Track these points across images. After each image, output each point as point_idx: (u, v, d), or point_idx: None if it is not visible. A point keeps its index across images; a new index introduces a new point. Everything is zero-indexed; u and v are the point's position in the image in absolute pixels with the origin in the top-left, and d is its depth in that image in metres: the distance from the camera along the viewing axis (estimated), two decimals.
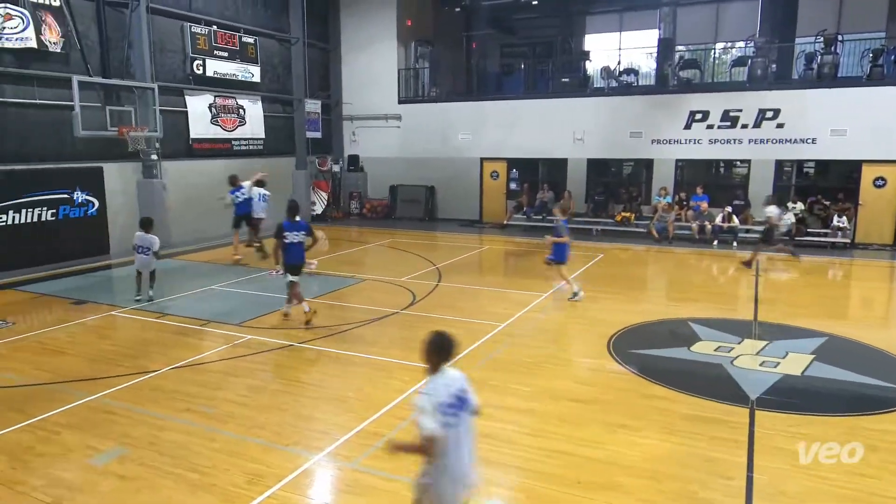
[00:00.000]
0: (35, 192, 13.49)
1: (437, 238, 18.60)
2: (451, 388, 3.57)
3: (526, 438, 5.87)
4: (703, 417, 6.30)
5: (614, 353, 8.20)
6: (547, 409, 6.50)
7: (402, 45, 22.15)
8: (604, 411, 6.47)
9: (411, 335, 9.07)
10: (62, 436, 5.93)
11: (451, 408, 3.51)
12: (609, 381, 7.28)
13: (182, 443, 5.77)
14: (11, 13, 12.78)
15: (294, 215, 9.59)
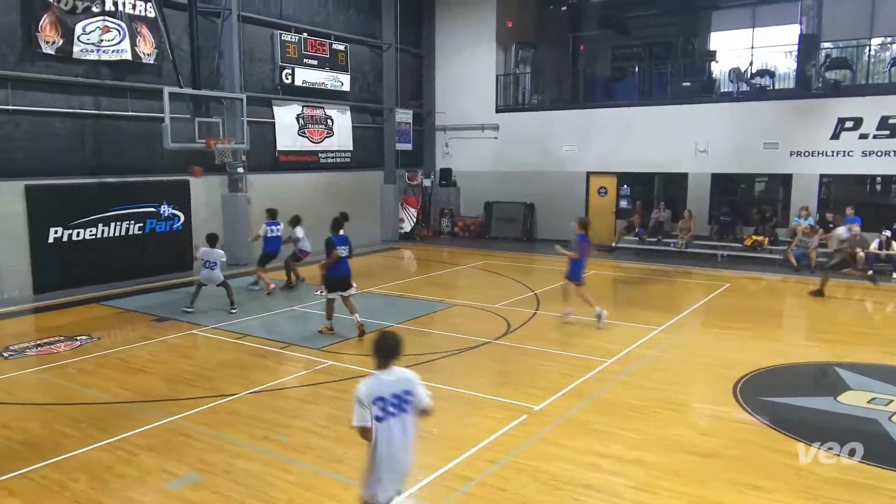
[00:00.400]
0: (124, 205, 14.64)
1: (536, 261, 18.46)
2: (391, 386, 4.16)
3: (633, 493, 5.65)
4: (853, 483, 5.81)
5: (742, 399, 7.76)
6: (659, 461, 6.23)
7: (502, 49, 22.38)
8: (728, 468, 6.11)
9: (505, 369, 9.01)
10: (140, 457, 6.32)
11: (382, 402, 4.09)
12: (735, 433, 6.88)
13: (257, 472, 6.00)
14: (109, 25, 14.06)
15: (339, 229, 10.42)
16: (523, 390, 8.04)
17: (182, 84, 14.82)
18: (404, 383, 4.25)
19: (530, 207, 21.84)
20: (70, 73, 13.72)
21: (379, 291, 14.03)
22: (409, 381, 4.29)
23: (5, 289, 12.98)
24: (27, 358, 9.50)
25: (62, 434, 6.84)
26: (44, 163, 13.45)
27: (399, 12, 21.17)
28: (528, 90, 23.03)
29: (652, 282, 15.46)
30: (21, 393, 8.16)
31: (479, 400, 7.77)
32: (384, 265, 17.92)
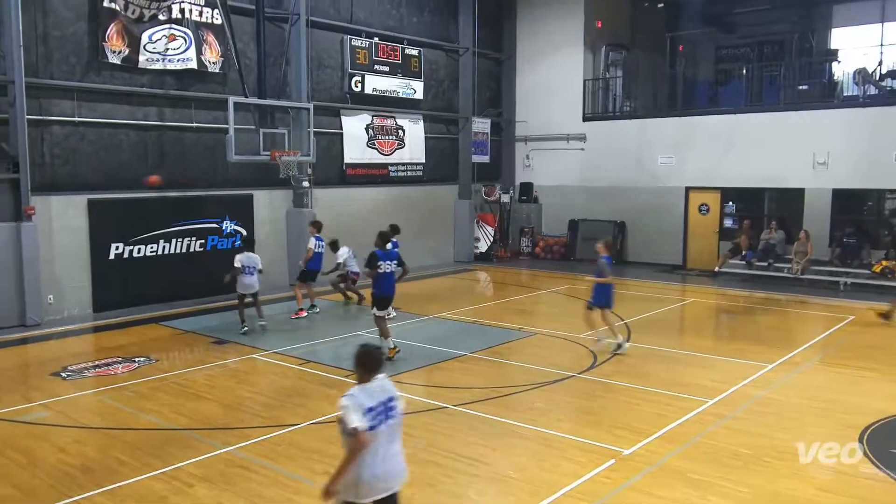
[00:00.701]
0: (186, 220, 15.32)
1: (627, 286, 18.12)
2: (377, 396, 4.64)
3: None
4: None
5: (871, 451, 7.34)
6: None
7: (591, 52, 22.29)
8: None
9: (590, 406, 8.86)
10: (195, 489, 6.53)
11: (371, 412, 4.55)
12: (862, 491, 6.51)
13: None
14: (176, 34, 14.84)
15: (386, 242, 10.55)
16: (611, 431, 7.87)
17: (247, 93, 15.44)
18: (388, 391, 4.75)
19: (621, 226, 21.51)
20: (135, 84, 14.54)
21: (451, 317, 14.08)
22: (391, 389, 4.78)
23: (65, 307, 13.75)
24: (85, 379, 10.01)
25: (118, 461, 7.15)
26: (107, 176, 14.24)
27: (478, 13, 21.42)
28: (620, 96, 22.80)
29: (761, 312, 14.93)
30: (78, 415, 8.59)
31: (560, 440, 7.66)
32: (457, 288, 17.99)
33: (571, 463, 7.06)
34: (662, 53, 23.55)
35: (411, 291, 16.96)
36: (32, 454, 7.36)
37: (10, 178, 12.70)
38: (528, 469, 6.94)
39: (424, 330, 13.05)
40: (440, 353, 11.23)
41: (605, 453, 7.26)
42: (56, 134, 13.58)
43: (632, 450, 7.36)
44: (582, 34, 21.99)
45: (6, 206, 12.76)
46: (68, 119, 13.67)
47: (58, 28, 13.44)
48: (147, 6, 14.34)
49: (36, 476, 6.79)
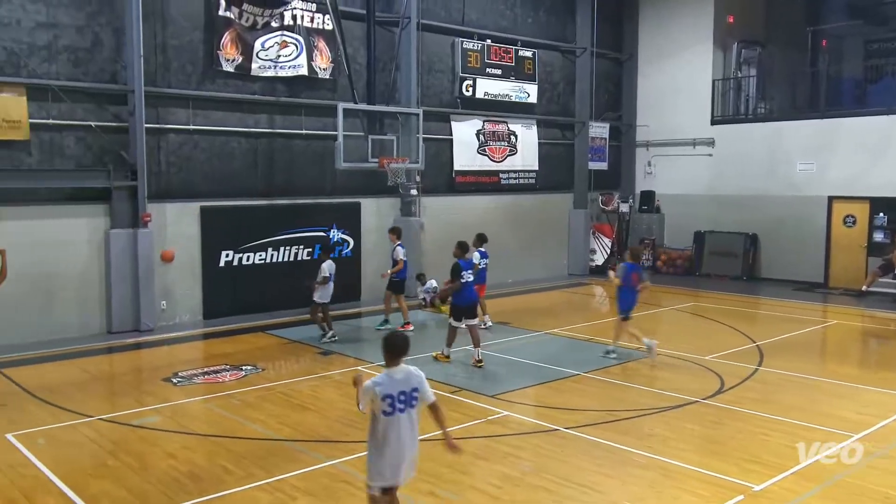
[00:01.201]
0: (293, 228, 15.92)
1: (760, 305, 17.42)
2: (400, 384, 5.26)
3: None
4: None
5: None
6: None
7: (720, 49, 21.64)
8: None
9: (716, 435, 8.55)
10: (298, 501, 6.75)
11: (391, 399, 5.18)
12: None
13: None
14: (287, 40, 15.50)
15: (465, 252, 11.74)
16: (739, 464, 7.55)
17: (357, 99, 15.91)
18: (413, 381, 5.33)
19: (752, 239, 20.69)
20: (247, 91, 15.31)
21: (563, 333, 13.95)
22: (417, 379, 5.37)
23: (177, 313, 14.59)
24: (194, 386, 10.58)
25: (224, 469, 7.49)
26: (218, 184, 15.05)
27: (596, 11, 21.20)
28: (753, 97, 22.00)
29: None
30: (187, 422, 9.07)
31: (681, 471, 7.41)
32: (570, 303, 17.81)
33: (693, 496, 6.82)
34: (802, 49, 22.60)
35: (522, 306, 16.96)
36: (144, 458, 7.83)
37: (128, 185, 13.62)
38: (645, 500, 6.77)
39: (535, 346, 12.97)
40: (552, 372, 11.14)
41: (732, 488, 6.97)
42: (172, 142, 14.47)
43: (763, 486, 7.03)
44: (711, 30, 21.36)
45: (125, 213, 13.69)
46: (183, 127, 14.54)
47: (175, 38, 14.35)
48: (260, 14, 15.07)
49: (147, 480, 7.21)
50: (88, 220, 13.49)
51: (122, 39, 13.59)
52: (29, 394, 10.11)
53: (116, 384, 11.14)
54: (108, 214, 13.62)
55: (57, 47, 13.04)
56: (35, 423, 9.02)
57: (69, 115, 13.21)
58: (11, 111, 12.53)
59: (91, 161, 13.53)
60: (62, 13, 13.04)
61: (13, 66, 12.61)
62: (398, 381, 5.26)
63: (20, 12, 12.63)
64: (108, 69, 13.67)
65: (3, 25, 12.46)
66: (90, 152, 13.53)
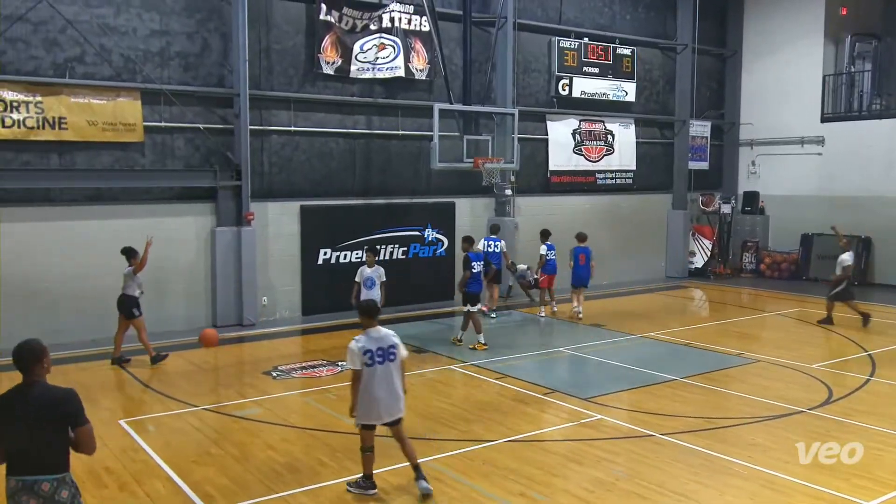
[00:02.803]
0: (389, 227, 16.18)
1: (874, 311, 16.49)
2: (378, 342, 6.68)
3: None
4: None
5: None
6: None
7: (832, 43, 20.67)
8: None
9: None
10: (391, 496, 6.86)
11: (371, 353, 6.59)
12: None
13: None
14: (385, 42, 15.77)
15: (472, 245, 13.10)
16: (847, 479, 7.18)
17: (452, 100, 16.03)
18: (389, 339, 6.76)
19: (866, 242, 19.67)
20: (346, 93, 15.66)
21: (661, 337, 13.63)
22: (392, 338, 6.79)
23: (278, 309, 15.07)
24: (293, 380, 10.90)
25: (320, 462, 7.69)
26: (317, 183, 15.46)
27: (698, 6, 20.58)
28: (868, 93, 20.88)
29: None
30: (286, 414, 9.35)
31: (784, 483, 7.12)
32: (668, 306, 17.38)
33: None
34: None
35: (618, 308, 16.69)
36: (245, 448, 8.13)
37: (233, 185, 14.17)
38: None
39: (631, 350, 12.74)
40: (648, 377, 10.91)
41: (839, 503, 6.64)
42: (274, 143, 14.96)
43: (875, 503, 6.67)
44: (822, 23, 20.41)
45: (230, 212, 14.25)
46: (285, 129, 15.01)
47: (278, 42, 14.83)
48: (360, 17, 15.39)
49: (248, 470, 7.48)
50: (196, 217, 14.13)
51: (228, 45, 14.16)
52: (141, 383, 10.68)
53: (220, 376, 11.59)
54: (214, 213, 14.22)
55: (169, 53, 13.71)
56: (146, 411, 9.54)
57: (179, 117, 13.85)
58: (127, 115, 13.26)
59: (199, 161, 14.16)
60: (174, 21, 13.70)
61: (129, 72, 13.33)
62: (376, 338, 6.68)
63: (136, 21, 13.34)
64: (216, 73, 14.26)
65: (120, 34, 13.18)
66: (198, 153, 14.16)
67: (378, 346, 6.62)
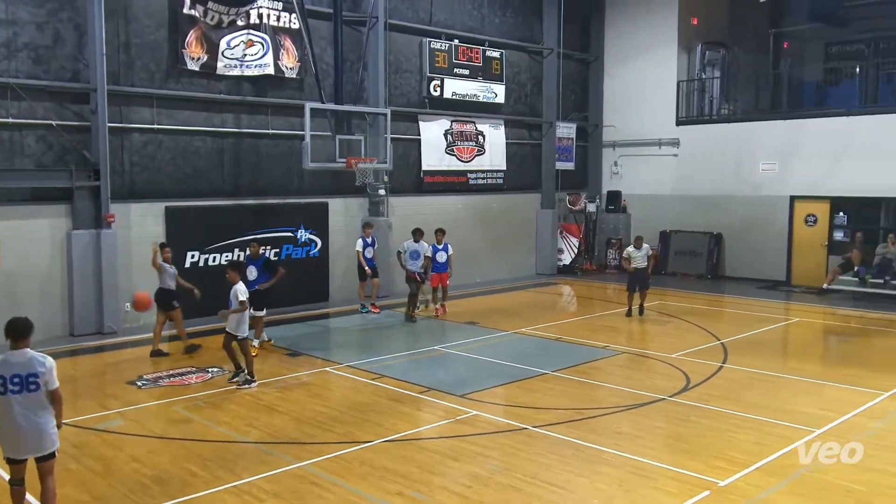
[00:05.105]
0: (261, 228, 15.75)
1: (724, 303, 17.66)
2: (17, 367, 5.68)
3: None
4: None
5: None
6: None
7: (685, 51, 21.91)
8: None
9: (682, 433, 8.65)
10: None
11: (3, 380, 5.65)
12: None
13: None
14: (254, 39, 15.36)
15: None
16: (705, 460, 7.64)
17: (324, 99, 15.81)
18: (33, 366, 5.72)
19: (717, 239, 20.98)
20: (213, 90, 15.12)
21: (532, 333, 14.00)
22: (40, 364, 5.75)
23: (142, 315, 14.30)
24: (159, 388, 10.42)
25: (190, 472, 7.39)
26: (183, 184, 14.85)
27: (563, 12, 21.32)
28: (717, 98, 22.30)
29: (875, 334, 14.32)
30: (153, 425, 8.93)
31: (650, 468, 7.48)
32: (538, 303, 17.89)
33: (662, 493, 6.89)
34: (765, 51, 22.98)
35: (490, 306, 17.00)
36: (108, 462, 7.69)
37: (90, 185, 13.36)
38: (615, 498, 6.81)
39: (504, 346, 13.02)
40: (520, 371, 11.18)
41: (698, 484, 7.06)
42: (135, 141, 14.25)
43: (728, 481, 7.12)
44: (676, 32, 21.61)
45: (88, 214, 13.43)
46: (147, 126, 14.32)
47: (139, 36, 14.13)
48: (226, 12, 14.91)
49: (111, 485, 7.08)
50: (51, 220, 13.20)
51: (83, 38, 13.33)
52: None
53: (79, 387, 10.88)
54: (70, 215, 13.36)
55: (16, 45, 12.74)
56: None
57: (29, 113, 12.92)
58: None
59: (52, 161, 13.25)
60: (21, 9, 12.75)
61: None
62: (13, 363, 5.71)
63: None
64: (70, 67, 13.40)
65: None
66: (51, 151, 13.26)
67: (14, 372, 5.67)
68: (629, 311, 15.44)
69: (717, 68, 22.44)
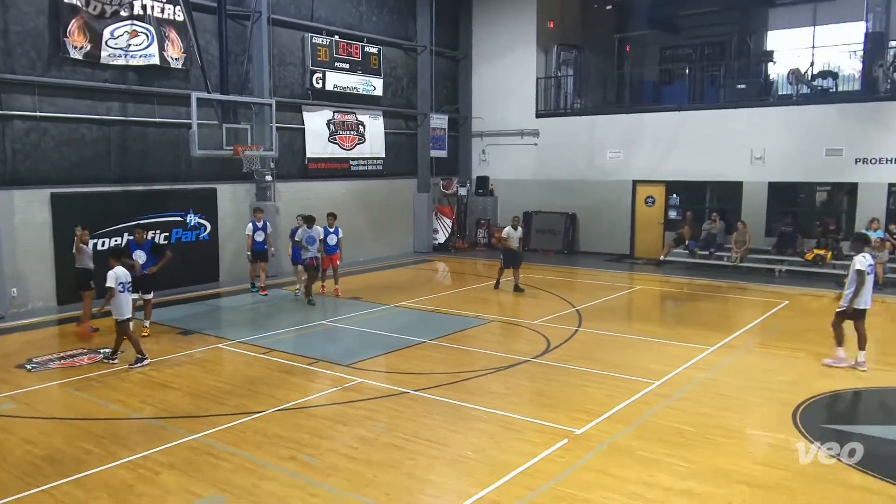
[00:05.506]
0: (150, 213, 14.95)
1: (578, 275, 18.33)
2: None
3: None
4: None
5: (803, 427, 7.57)
6: (711, 493, 6.10)
7: (543, 51, 22.41)
8: (789, 502, 5.95)
9: (544, 389, 8.95)
10: (162, 476, 6.42)
11: None
12: (796, 464, 6.70)
13: (283, 495, 6.04)
14: (138, 30, 14.46)
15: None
16: (564, 413, 7.97)
17: (210, 89, 15.13)
18: None
19: (572, 218, 21.73)
20: (97, 79, 14.13)
21: (411, 306, 14.08)
22: None
23: (30, 300, 13.36)
24: (50, 371, 9.74)
25: (84, 450, 6.98)
26: (69, 171, 13.84)
27: (435, 13, 21.34)
28: (571, 94, 22.97)
29: (703, 298, 15.23)
30: (45, 407, 8.36)
31: (517, 422, 7.72)
32: (416, 278, 17.99)
33: (527, 443, 7.12)
34: (611, 53, 23.82)
35: (373, 282, 16.94)
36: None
37: None
38: (486, 450, 6.98)
39: (386, 319, 13.02)
40: (401, 341, 11.23)
41: (559, 434, 7.35)
42: (17, 129, 13.13)
43: (584, 430, 7.46)
44: (535, 34, 22.08)
45: None
46: (29, 114, 13.22)
47: (18, 23, 12.98)
48: (108, 2, 13.93)
49: (3, 469, 6.58)
50: None
51: None
52: None
53: None
54: None
55: None
56: None
57: None
58: None
59: None
60: None
61: None
62: None
63: None
64: None
65: None
66: None
67: None
68: (497, 284, 15.73)
69: (571, 67, 23.11)
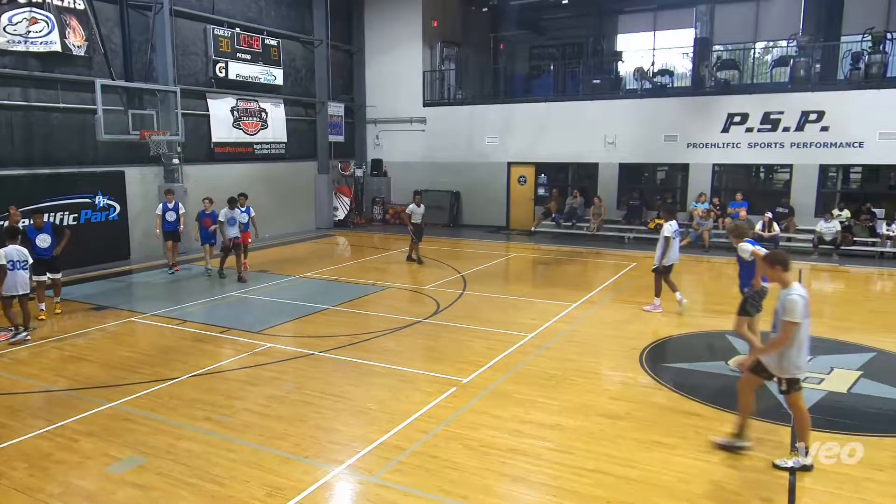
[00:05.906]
0: (58, 196, 13.82)
1: (462, 245, 18.59)
2: None
3: (553, 455, 5.83)
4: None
5: (647, 366, 8.10)
6: (575, 425, 6.44)
7: (428, 47, 22.30)
8: (636, 428, 6.38)
9: (435, 345, 9.08)
10: (80, 443, 6.04)
11: None
12: (641, 396, 7.18)
13: (199, 452, 5.85)
14: (37, 17, 13.17)
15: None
16: (452, 365, 8.12)
17: (114, 76, 14.09)
18: None
19: (456, 195, 21.96)
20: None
21: (315, 277, 13.83)
22: None
23: None
24: None
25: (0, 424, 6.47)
26: None
27: (329, 9, 20.72)
28: (453, 86, 23.05)
29: (567, 262, 15.83)
30: None
31: (412, 375, 7.81)
32: (319, 251, 17.67)
33: (421, 393, 7.23)
34: (487, 50, 24.07)
35: (279, 256, 16.49)
36: None
37: None
38: (386, 401, 7.03)
39: (292, 289, 12.74)
40: (307, 308, 11.04)
41: (448, 383, 7.49)
42: None
43: (469, 378, 7.65)
44: (421, 31, 21.92)
45: None
46: None
47: None
48: None
49: None
50: None
51: None
52: None
53: None
54: None
55: None
56: None
57: None
58: None
59: None
60: None
61: None
62: None
63: None
64: None
65: None
66: None
67: None
68: (409, 257, 15.45)
69: (453, 62, 23.17)
